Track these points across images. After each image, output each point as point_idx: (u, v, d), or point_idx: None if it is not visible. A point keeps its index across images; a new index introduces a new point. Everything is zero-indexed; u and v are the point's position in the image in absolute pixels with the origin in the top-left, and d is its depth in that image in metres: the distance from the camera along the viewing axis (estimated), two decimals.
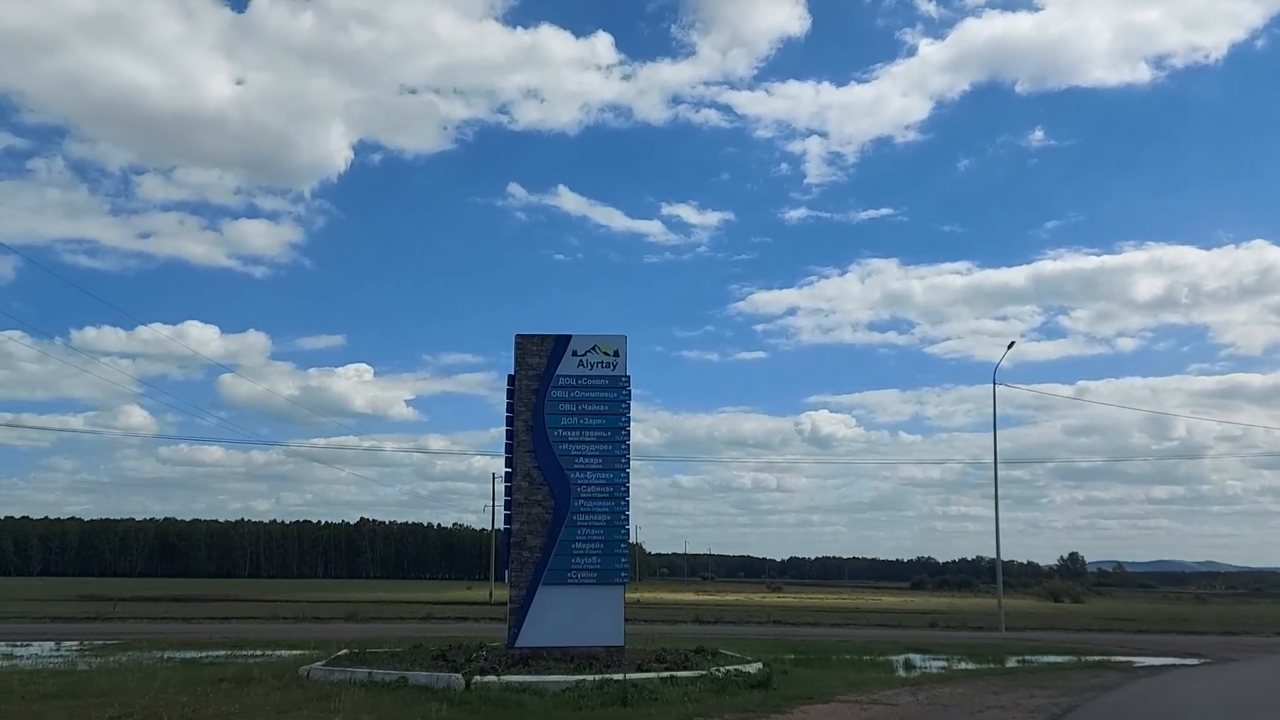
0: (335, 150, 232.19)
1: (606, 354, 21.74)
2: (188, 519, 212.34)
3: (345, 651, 20.64)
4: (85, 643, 28.63)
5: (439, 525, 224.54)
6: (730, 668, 18.27)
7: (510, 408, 21.58)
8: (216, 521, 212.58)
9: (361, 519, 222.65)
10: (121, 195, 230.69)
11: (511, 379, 21.73)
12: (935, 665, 24.79)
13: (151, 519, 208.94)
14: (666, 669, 17.80)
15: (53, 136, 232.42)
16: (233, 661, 22.08)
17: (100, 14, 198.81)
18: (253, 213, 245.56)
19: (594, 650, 19.54)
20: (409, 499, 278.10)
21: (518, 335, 21.85)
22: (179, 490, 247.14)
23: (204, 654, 24.36)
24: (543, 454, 21.09)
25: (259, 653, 24.87)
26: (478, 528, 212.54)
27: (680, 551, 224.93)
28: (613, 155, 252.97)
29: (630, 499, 21.26)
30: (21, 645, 27.69)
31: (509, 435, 21.46)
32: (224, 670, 19.20)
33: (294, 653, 24.62)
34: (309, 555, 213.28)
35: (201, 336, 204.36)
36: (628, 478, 21.33)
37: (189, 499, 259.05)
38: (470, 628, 37.37)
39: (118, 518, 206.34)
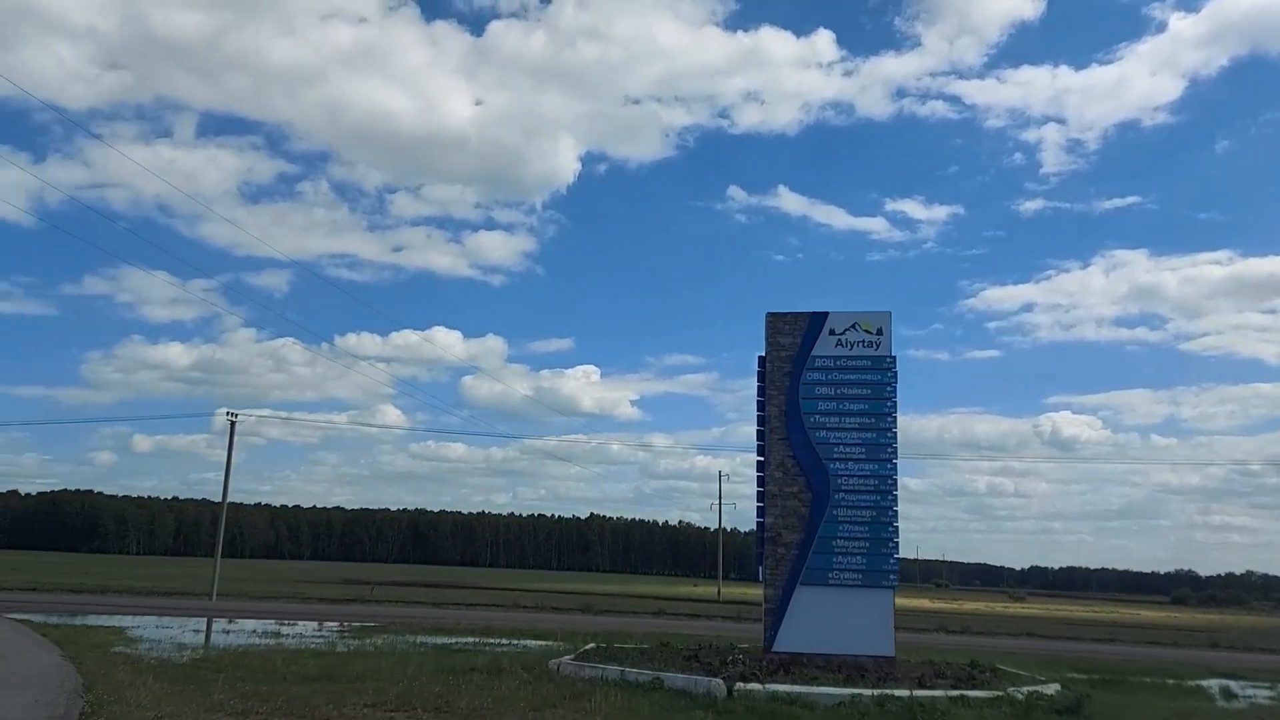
0: (564, 163, 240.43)
1: (868, 331, 19.49)
2: (436, 510, 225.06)
3: (592, 646, 19.54)
4: (345, 624, 29.31)
5: (664, 522, 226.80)
6: (1028, 689, 15.61)
7: (761, 391, 19.69)
8: (461, 513, 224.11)
9: (591, 514, 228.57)
10: (377, 213, 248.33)
11: (762, 360, 19.85)
12: (1263, 695, 20.85)
13: (404, 509, 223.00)
14: (952, 686, 15.40)
15: (318, 161, 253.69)
16: (481, 650, 21.53)
17: (357, 46, 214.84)
18: (490, 225, 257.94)
19: (860, 660, 17.38)
20: (634, 495, 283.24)
21: (769, 313, 19.98)
22: (427, 483, 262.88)
23: (453, 640, 24.07)
24: (797, 442, 19.11)
25: (505, 642, 24.36)
26: (700, 525, 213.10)
27: (911, 557, 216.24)
28: (834, 153, 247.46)
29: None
30: (289, 625, 28.60)
31: (760, 421, 19.59)
32: (473, 659, 18.49)
33: (540, 643, 23.94)
34: (543, 547, 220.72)
35: (446, 341, 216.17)
36: (895, 469, 19.00)
37: (436, 491, 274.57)
38: (707, 626, 35.91)
39: (375, 508, 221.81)
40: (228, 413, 46.78)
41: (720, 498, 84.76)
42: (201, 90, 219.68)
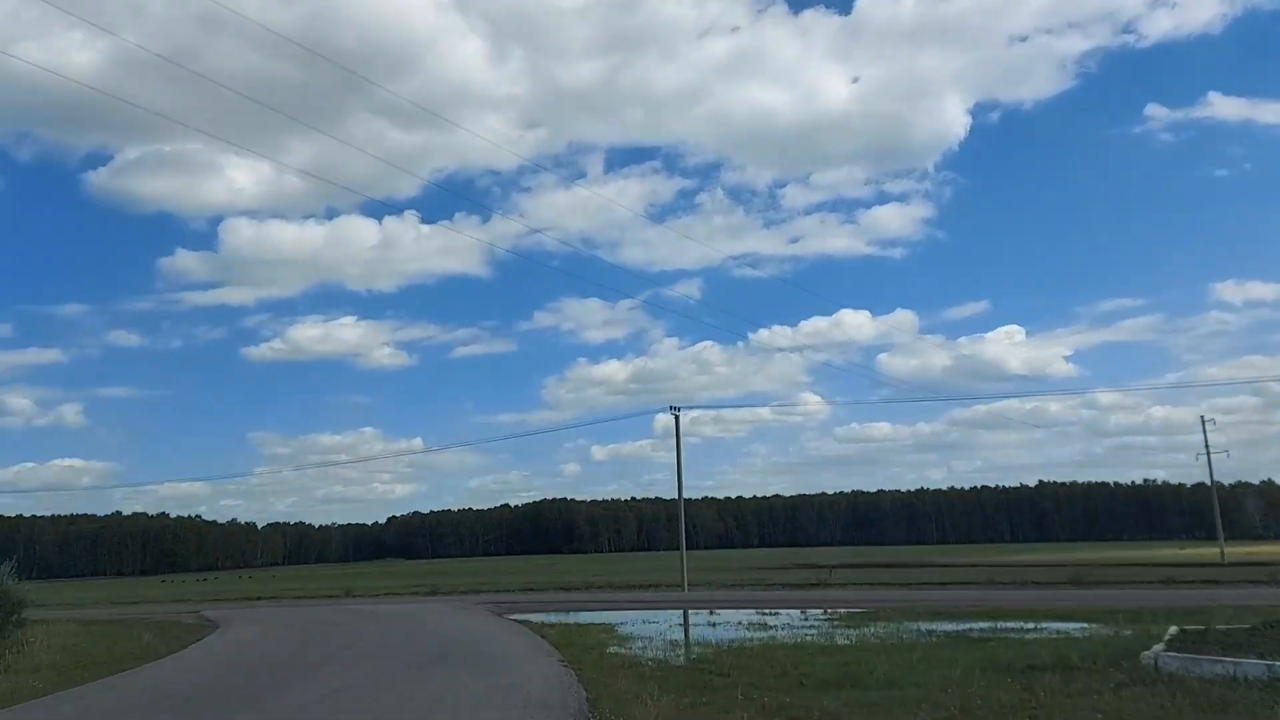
0: (952, 120, 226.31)
1: None
2: (873, 490, 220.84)
3: (1176, 630, 14.71)
4: (829, 611, 26.64)
5: (1130, 482, 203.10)
6: None
7: None
8: (899, 491, 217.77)
9: (1040, 481, 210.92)
10: (770, 209, 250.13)
11: None
12: None
13: (841, 492, 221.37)
14: None
15: (710, 171, 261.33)
16: (1010, 638, 17.51)
17: (733, 54, 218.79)
18: (883, 199, 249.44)
19: None
20: (1084, 457, 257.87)
21: None
22: (859, 465, 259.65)
23: (964, 626, 20.27)
24: None
25: (1028, 626, 20.01)
26: (1174, 482, 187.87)
27: None
28: (1274, 42, 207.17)
29: None
30: (770, 614, 26.48)
31: None
32: (1023, 652, 14.57)
33: (1073, 626, 19.37)
34: (992, 520, 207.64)
35: (854, 322, 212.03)
36: None
37: (869, 472, 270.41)
38: (1247, 594, 28.44)
39: (812, 493, 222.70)
40: (671, 408, 46.87)
41: (1207, 448, 72.95)
42: (604, 129, 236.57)
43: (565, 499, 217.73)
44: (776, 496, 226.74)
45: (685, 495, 47.90)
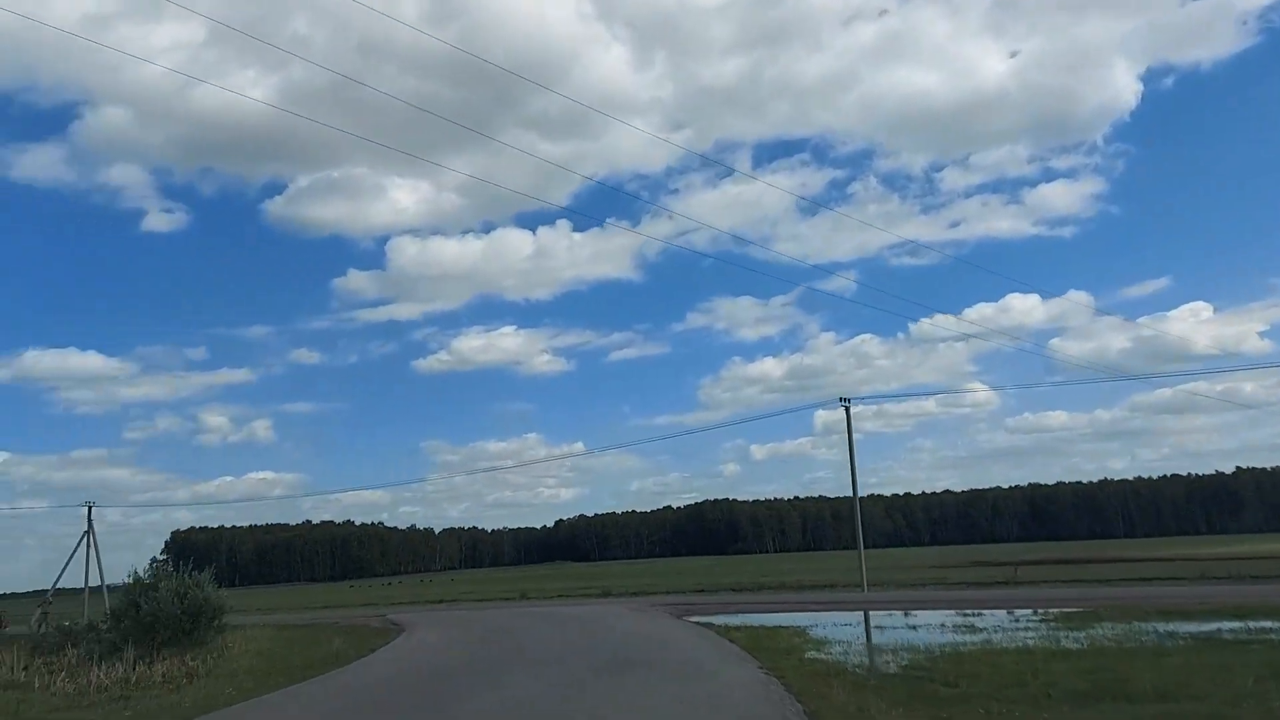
0: (1122, 88, 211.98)
1: None
2: (1050, 483, 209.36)
3: None
4: (1039, 611, 24.23)
5: None
6: None
7: None
8: (1080, 483, 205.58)
9: (1237, 467, 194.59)
10: (928, 194, 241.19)
11: None
12: None
13: (1017, 485, 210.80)
14: None
15: (862, 160, 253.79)
16: (1267, 639, 15.04)
17: (881, 39, 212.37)
18: (1049, 176, 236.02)
19: None
20: None
21: None
22: (1034, 456, 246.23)
23: (1206, 626, 17.74)
24: None
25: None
26: None
27: None
28: None
29: None
30: (973, 615, 24.30)
31: None
32: None
33: None
34: (1183, 510, 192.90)
35: (1023, 307, 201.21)
36: None
37: (1044, 463, 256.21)
38: None
39: (985, 487, 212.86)
40: (841, 399, 44.74)
41: None
42: (751, 125, 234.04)
43: (727, 499, 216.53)
44: (947, 492, 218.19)
45: (850, 493, 45.67)
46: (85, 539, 56.74)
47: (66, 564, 57.32)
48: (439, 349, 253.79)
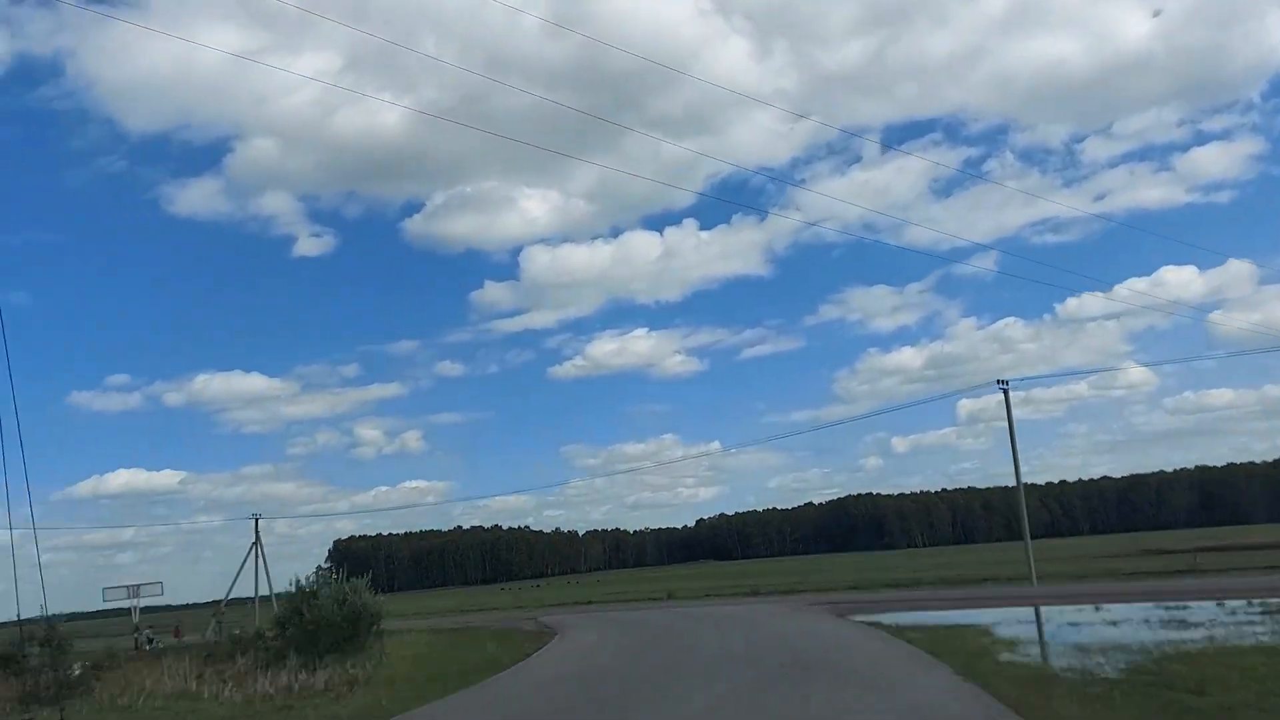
0: (1278, 40, 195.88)
1: None
2: (1220, 465, 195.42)
3: None
4: (1254, 602, 21.56)
5: None
6: None
7: None
8: (1256, 464, 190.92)
9: None
10: (1068, 167, 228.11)
11: None
12: None
13: (1183, 469, 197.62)
14: None
15: (996, 135, 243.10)
16: None
17: (1011, 8, 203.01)
18: (1201, 139, 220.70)
19: None
20: None
21: None
22: (1196, 438, 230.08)
23: None
24: None
25: None
26: None
27: None
28: None
29: None
30: (1175, 607, 21.74)
31: None
32: None
33: None
34: None
35: (1178, 280, 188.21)
36: None
37: (1208, 445, 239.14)
38: None
39: (1146, 472, 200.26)
40: (999, 381, 42.01)
41: None
42: (878, 108, 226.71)
43: (870, 493, 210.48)
44: (1105, 478, 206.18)
45: (1001, 482, 42.77)
46: (254, 550, 59.14)
47: (238, 574, 59.81)
48: (574, 355, 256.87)
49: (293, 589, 26.90)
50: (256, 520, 60.35)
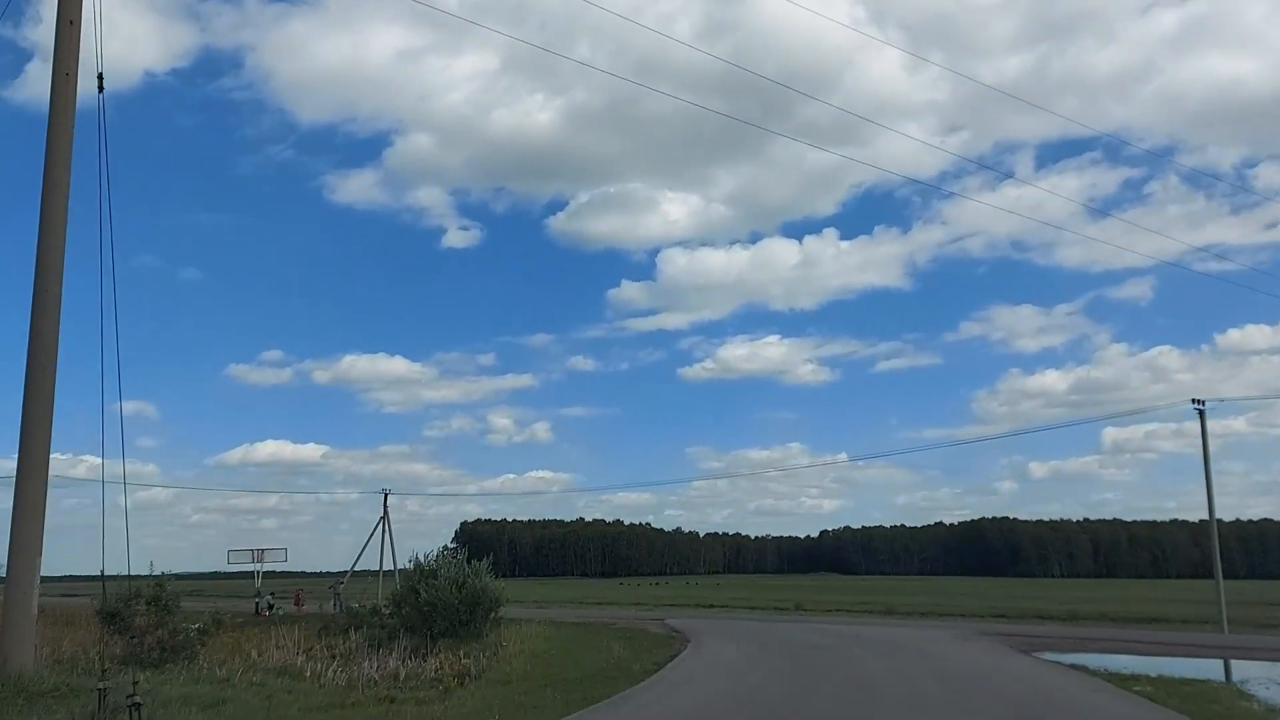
0: None
1: None
2: None
3: None
4: None
5: None
6: None
7: None
8: None
9: None
10: (1239, 192, 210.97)
11: None
12: None
13: None
14: None
15: (1162, 156, 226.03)
16: None
17: (1185, 25, 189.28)
18: None
19: None
20: None
21: None
22: None
23: None
24: None
25: None
26: None
27: None
28: None
29: None
30: None
31: None
32: None
33: None
34: None
35: None
36: None
37: None
38: None
39: None
40: (1194, 401, 36.86)
41: None
42: (1034, 124, 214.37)
43: (1007, 518, 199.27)
44: (1266, 520, 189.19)
45: (1146, 515, 37.59)
46: (381, 524, 58.50)
47: (364, 548, 59.28)
48: (704, 357, 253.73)
49: (411, 566, 25.55)
50: (386, 495, 59.64)
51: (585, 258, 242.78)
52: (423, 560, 25.42)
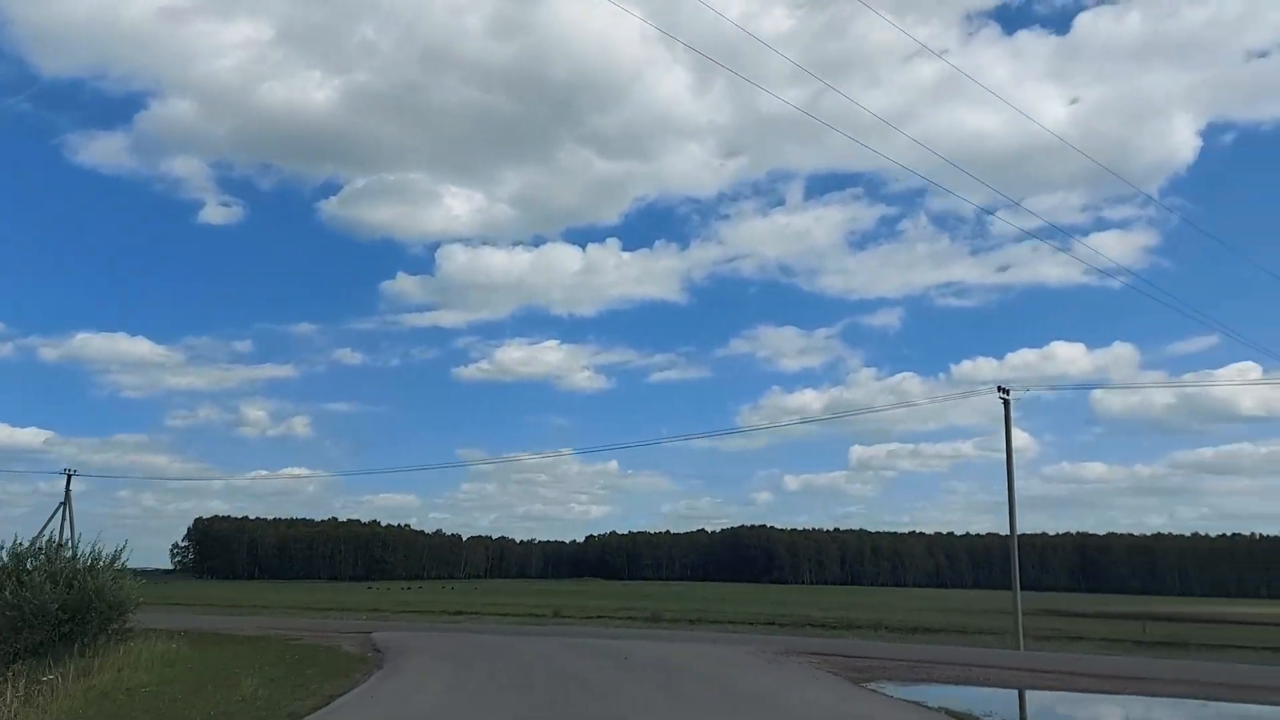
0: (1180, 142, 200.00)
1: None
2: (1101, 533, 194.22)
3: None
4: None
5: None
6: None
7: None
8: (1133, 535, 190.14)
9: None
10: (977, 236, 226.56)
11: None
12: None
13: (1067, 533, 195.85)
14: None
15: (914, 198, 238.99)
16: None
17: (941, 77, 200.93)
18: (1102, 226, 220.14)
19: None
20: None
21: None
22: (1069, 508, 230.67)
23: None
24: None
25: None
26: None
27: None
28: None
29: None
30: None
31: None
32: None
33: None
34: (1244, 570, 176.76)
35: (1068, 355, 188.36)
36: None
37: (1081, 515, 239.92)
38: None
39: (1028, 533, 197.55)
40: (999, 387, 32.79)
41: None
42: (806, 156, 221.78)
43: (765, 526, 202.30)
44: (992, 535, 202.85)
45: (886, 528, 34.00)
46: (60, 510, 45.61)
47: (37, 538, 46.28)
48: (480, 358, 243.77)
49: (6, 558, 19.02)
50: (69, 475, 46.84)
51: (358, 246, 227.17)
52: (20, 549, 19.12)
